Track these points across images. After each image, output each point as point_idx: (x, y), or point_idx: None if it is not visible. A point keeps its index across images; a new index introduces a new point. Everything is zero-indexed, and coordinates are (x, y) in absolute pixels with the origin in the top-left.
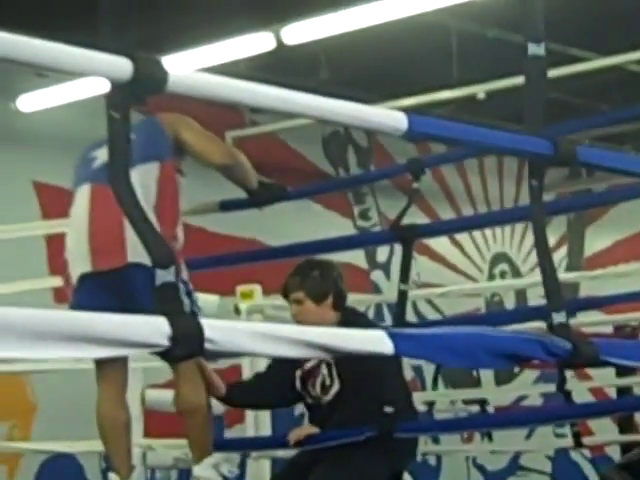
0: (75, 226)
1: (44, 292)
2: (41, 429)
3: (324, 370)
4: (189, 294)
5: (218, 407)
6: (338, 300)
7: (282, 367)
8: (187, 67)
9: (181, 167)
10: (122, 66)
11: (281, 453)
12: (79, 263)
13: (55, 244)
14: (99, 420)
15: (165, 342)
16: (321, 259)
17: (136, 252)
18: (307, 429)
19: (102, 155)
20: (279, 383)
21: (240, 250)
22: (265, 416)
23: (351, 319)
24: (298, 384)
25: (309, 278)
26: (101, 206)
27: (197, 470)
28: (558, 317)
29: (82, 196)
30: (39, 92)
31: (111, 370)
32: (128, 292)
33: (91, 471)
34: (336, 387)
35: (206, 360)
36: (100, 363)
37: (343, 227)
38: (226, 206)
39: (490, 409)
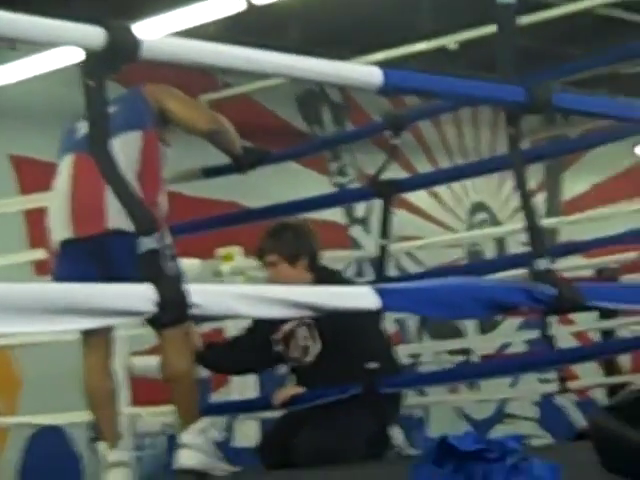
0: (58, 194)
1: (25, 266)
2: (28, 402)
3: (304, 332)
4: (173, 258)
5: (203, 371)
6: (312, 261)
7: (259, 330)
8: (157, 32)
9: (166, 137)
10: (95, 35)
11: (268, 414)
12: (60, 229)
13: (34, 218)
14: (86, 390)
15: (151, 308)
16: (293, 220)
17: (117, 219)
18: (292, 390)
19: (84, 126)
20: (256, 346)
21: (219, 213)
22: (250, 378)
23: (326, 278)
24: (278, 347)
25: (282, 240)
26: (83, 174)
27: (185, 437)
28: (542, 263)
29: (65, 165)
30: (11, 65)
31: (97, 340)
32: (109, 258)
33: (79, 442)
34: (317, 347)
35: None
36: (86, 333)
37: (320, 184)
38: (209, 172)
39: (475, 358)
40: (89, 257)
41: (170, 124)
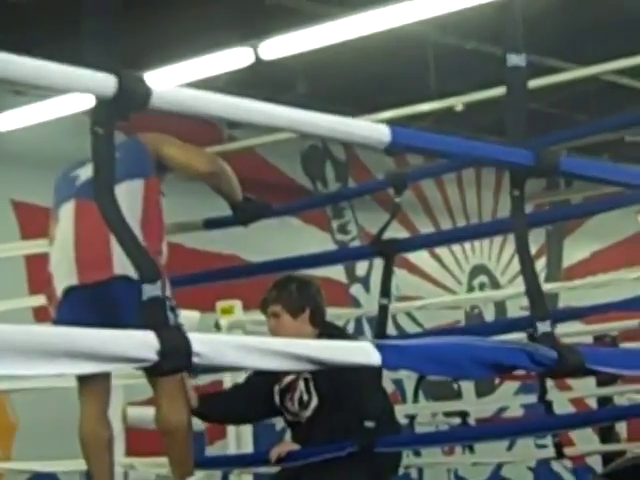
0: (60, 240)
1: (24, 312)
2: (22, 448)
3: (302, 385)
4: (173, 309)
5: (199, 423)
6: (315, 315)
7: (259, 381)
8: (168, 83)
9: (161, 187)
10: (107, 82)
11: (263, 469)
12: (65, 276)
13: (35, 263)
14: (82, 437)
15: (153, 356)
16: (300, 274)
17: (122, 265)
18: (288, 446)
19: (85, 173)
20: (255, 396)
21: (220, 266)
22: (247, 432)
23: (329, 334)
24: (277, 399)
25: (286, 292)
26: (86, 220)
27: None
28: (543, 326)
29: (67, 212)
30: (17, 110)
31: (94, 387)
32: (113, 305)
33: None
34: (314, 402)
35: (189, 375)
36: (83, 380)
37: (322, 241)
38: (210, 224)
39: (471, 421)
40: (93, 304)
41: (168, 171)
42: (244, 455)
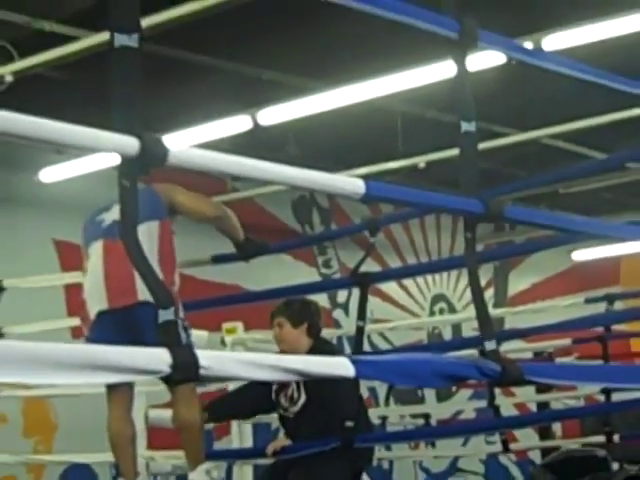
0: (92, 273)
1: (63, 331)
2: (61, 444)
3: (294, 384)
4: (185, 329)
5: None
6: (312, 328)
7: (259, 381)
8: (181, 144)
9: (173, 227)
10: (130, 143)
11: (261, 461)
12: (97, 302)
13: (72, 291)
14: (109, 435)
15: (167, 369)
16: (305, 297)
17: (143, 292)
18: (281, 442)
19: (109, 217)
20: (257, 394)
21: (224, 294)
22: (247, 430)
23: (320, 346)
24: (273, 395)
25: (290, 307)
26: (112, 256)
27: (192, 475)
28: (490, 345)
29: (96, 250)
30: (57, 166)
31: (119, 393)
32: (136, 325)
33: (104, 478)
34: (303, 399)
35: (198, 384)
36: (110, 388)
37: (309, 274)
38: (217, 259)
39: (433, 422)
40: (119, 324)
41: (178, 214)
42: (245, 449)
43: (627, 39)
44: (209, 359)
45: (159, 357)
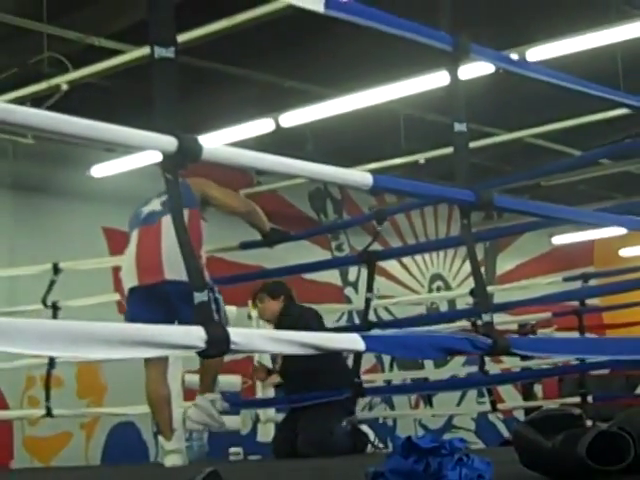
0: (128, 255)
1: (111, 305)
2: (109, 403)
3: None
4: (219, 310)
5: (237, 385)
6: (288, 298)
7: None
8: (214, 143)
9: (205, 216)
10: (170, 143)
11: (280, 418)
12: (129, 279)
13: (118, 272)
14: (147, 395)
15: (202, 345)
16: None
17: (170, 271)
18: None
19: (146, 209)
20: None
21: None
22: (270, 392)
23: (288, 308)
24: None
25: (267, 285)
26: (144, 241)
27: (198, 399)
28: (486, 317)
29: (134, 237)
30: (106, 163)
31: (155, 360)
32: (166, 300)
33: (146, 434)
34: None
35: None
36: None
37: (323, 256)
38: (245, 246)
39: None
40: (148, 298)
41: (210, 207)
42: (266, 399)
43: (597, 50)
44: (239, 335)
45: (196, 334)
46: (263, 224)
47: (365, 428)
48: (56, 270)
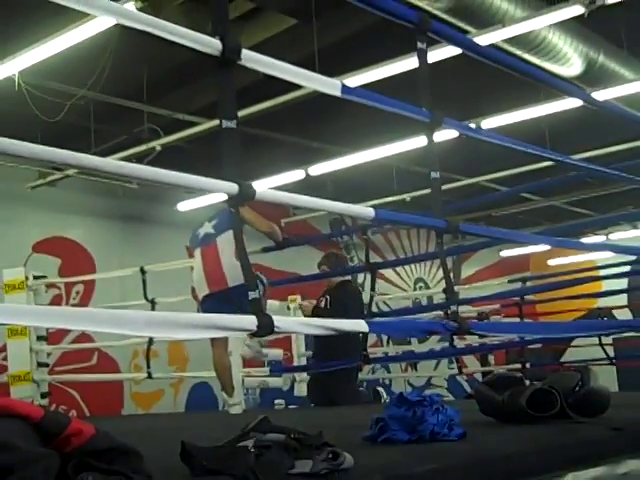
0: (196, 270)
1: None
2: (191, 370)
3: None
4: (265, 303)
5: (280, 356)
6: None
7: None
8: (261, 188)
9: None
10: (233, 187)
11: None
12: (202, 289)
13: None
14: (214, 365)
15: (254, 328)
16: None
17: (231, 280)
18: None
19: (202, 230)
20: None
21: (284, 277)
22: (303, 360)
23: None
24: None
25: (328, 257)
26: (207, 258)
27: (248, 341)
28: (453, 307)
29: (197, 254)
30: (189, 201)
31: (219, 341)
32: (230, 300)
33: (217, 391)
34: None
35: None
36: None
37: None
38: (265, 250)
39: None
40: (220, 300)
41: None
42: (301, 366)
43: (530, 121)
44: (279, 322)
45: (250, 321)
46: (278, 237)
47: (380, 389)
48: (143, 272)
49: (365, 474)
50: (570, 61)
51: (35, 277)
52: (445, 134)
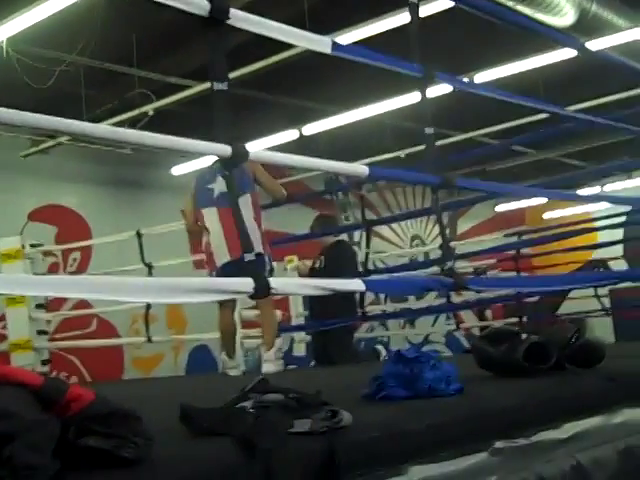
0: (214, 235)
1: (188, 264)
2: (189, 332)
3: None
4: (269, 261)
5: (278, 316)
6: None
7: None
8: (255, 148)
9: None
10: (226, 150)
11: (308, 338)
12: (222, 256)
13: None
14: (220, 328)
15: (251, 290)
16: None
17: (255, 245)
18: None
19: (217, 187)
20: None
21: (283, 237)
22: (301, 320)
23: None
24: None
25: (320, 219)
26: (227, 221)
27: (267, 355)
28: (450, 264)
29: (213, 215)
30: (183, 165)
31: (226, 302)
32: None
33: (216, 354)
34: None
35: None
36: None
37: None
38: (267, 207)
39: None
40: (236, 268)
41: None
42: (299, 325)
43: (525, 73)
44: (276, 283)
45: (247, 283)
46: (282, 197)
47: (379, 347)
48: (139, 235)
49: (364, 431)
50: (563, 11)
51: (32, 245)
52: (439, 89)
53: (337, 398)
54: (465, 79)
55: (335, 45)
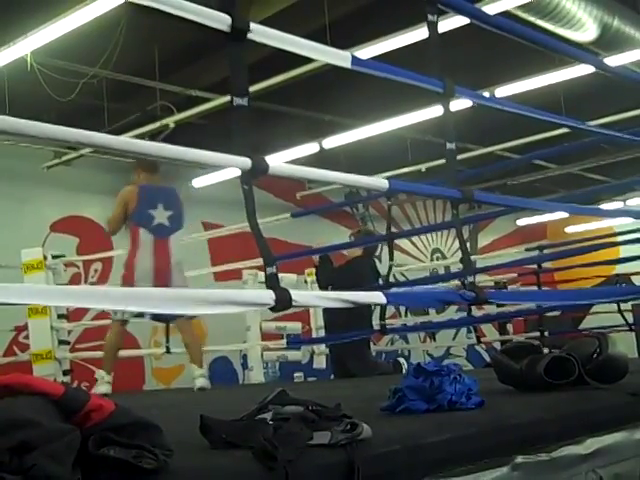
0: (143, 259)
1: (209, 275)
2: (209, 344)
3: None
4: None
5: (299, 329)
6: (366, 249)
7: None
8: (277, 162)
9: None
10: (246, 162)
11: (327, 351)
12: (145, 281)
13: (214, 249)
14: (108, 342)
15: (272, 302)
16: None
17: (175, 280)
18: None
19: (156, 214)
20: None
21: (302, 250)
22: (321, 332)
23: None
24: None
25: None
26: (159, 251)
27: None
28: (470, 278)
29: (149, 243)
30: (203, 177)
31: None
32: None
33: (235, 365)
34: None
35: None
36: None
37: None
38: (294, 215)
39: None
40: None
41: None
42: (319, 338)
43: (545, 88)
44: (297, 295)
45: (268, 296)
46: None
47: (401, 359)
48: None
49: (383, 444)
50: (585, 26)
51: (53, 256)
52: (459, 103)
53: (357, 411)
54: (486, 93)
55: (355, 59)
